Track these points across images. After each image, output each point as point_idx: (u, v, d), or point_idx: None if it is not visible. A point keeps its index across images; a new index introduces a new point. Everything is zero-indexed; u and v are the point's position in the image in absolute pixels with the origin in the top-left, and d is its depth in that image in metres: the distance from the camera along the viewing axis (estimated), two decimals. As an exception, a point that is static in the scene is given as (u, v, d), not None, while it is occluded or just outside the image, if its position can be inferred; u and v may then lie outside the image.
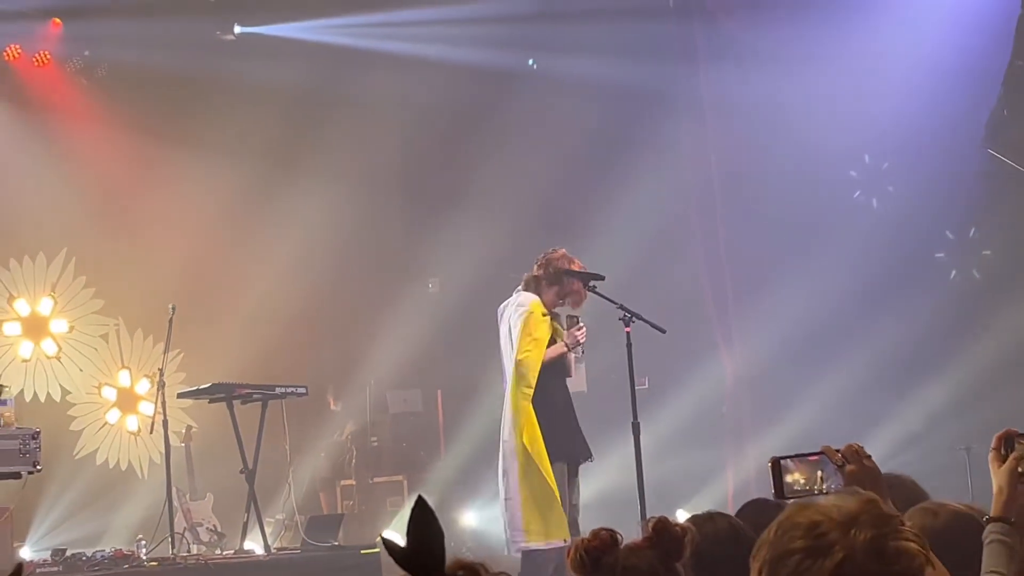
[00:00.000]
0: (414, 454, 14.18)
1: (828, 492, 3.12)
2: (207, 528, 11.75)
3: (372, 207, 14.47)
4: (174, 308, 10.61)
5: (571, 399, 8.94)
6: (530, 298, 8.92)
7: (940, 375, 12.74)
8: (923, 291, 13.09)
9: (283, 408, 10.90)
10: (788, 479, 3.18)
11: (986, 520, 3.32)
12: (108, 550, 9.84)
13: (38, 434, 8.86)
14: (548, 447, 8.61)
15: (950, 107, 12.75)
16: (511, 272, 14.37)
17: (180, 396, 11.27)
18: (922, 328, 12.94)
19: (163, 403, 10.39)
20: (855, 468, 3.21)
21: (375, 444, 14.11)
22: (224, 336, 13.18)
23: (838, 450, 3.26)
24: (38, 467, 8.86)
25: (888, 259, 13.22)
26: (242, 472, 10.32)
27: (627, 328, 8.38)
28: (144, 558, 9.66)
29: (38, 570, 9.37)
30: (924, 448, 12.25)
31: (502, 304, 9.17)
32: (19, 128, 13.17)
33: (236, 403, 10.53)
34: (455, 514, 13.34)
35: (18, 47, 13.30)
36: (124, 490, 13.25)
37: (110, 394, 13.73)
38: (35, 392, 13.23)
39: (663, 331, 8.51)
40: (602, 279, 8.66)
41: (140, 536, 10.28)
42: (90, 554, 9.61)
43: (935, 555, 3.30)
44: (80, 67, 13.69)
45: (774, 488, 3.19)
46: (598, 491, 11.82)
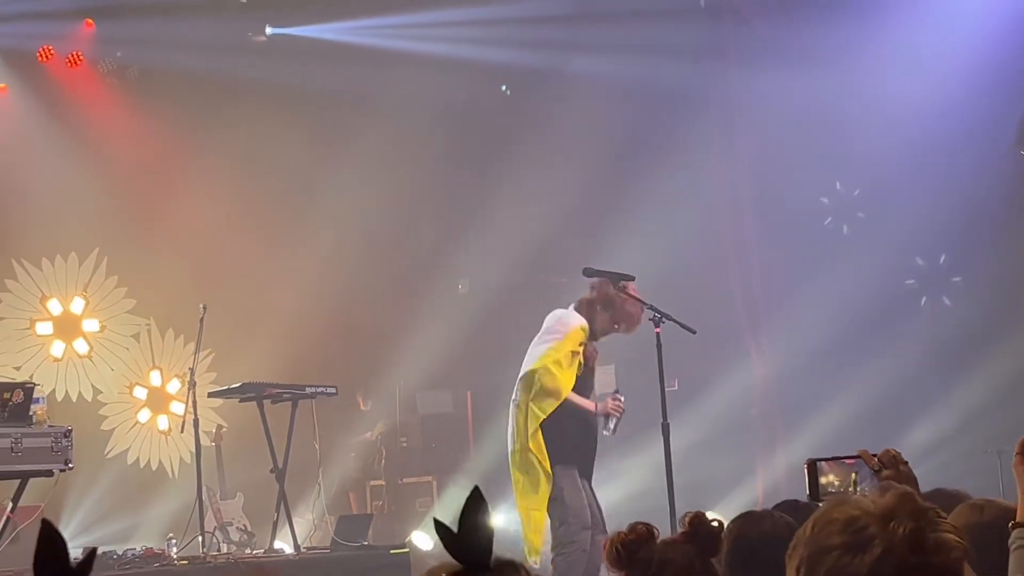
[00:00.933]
0: (444, 455, 14.18)
1: None
2: (237, 527, 11.79)
3: (403, 208, 14.49)
4: (205, 308, 10.64)
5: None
6: (575, 323, 8.66)
7: (971, 377, 12.68)
8: (963, 287, 13.06)
9: (313, 408, 10.92)
10: (823, 481, 3.18)
11: (1012, 525, 3.29)
12: (139, 549, 9.88)
13: (70, 432, 8.89)
14: (566, 452, 8.42)
15: (983, 109, 12.70)
16: (541, 274, 14.46)
17: (211, 395, 11.30)
18: (954, 329, 12.88)
19: (194, 403, 10.42)
20: (891, 473, 3.20)
21: (405, 445, 14.12)
22: (255, 336, 13.22)
23: (875, 455, 3.25)
24: (70, 465, 8.89)
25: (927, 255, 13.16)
26: (272, 472, 10.34)
27: (657, 329, 8.35)
28: (174, 557, 9.70)
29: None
30: (955, 451, 12.19)
31: (550, 316, 8.97)
32: (51, 128, 13.23)
33: (266, 403, 10.56)
34: (484, 515, 13.32)
35: (51, 48, 13.38)
36: (155, 489, 13.30)
37: (141, 394, 13.79)
38: (67, 391, 13.29)
39: (693, 332, 8.47)
40: (632, 279, 8.63)
41: (171, 535, 10.33)
42: (121, 552, 9.66)
43: (980, 551, 3.28)
44: (112, 68, 13.75)
45: (809, 489, 3.19)
46: (628, 492, 11.83)
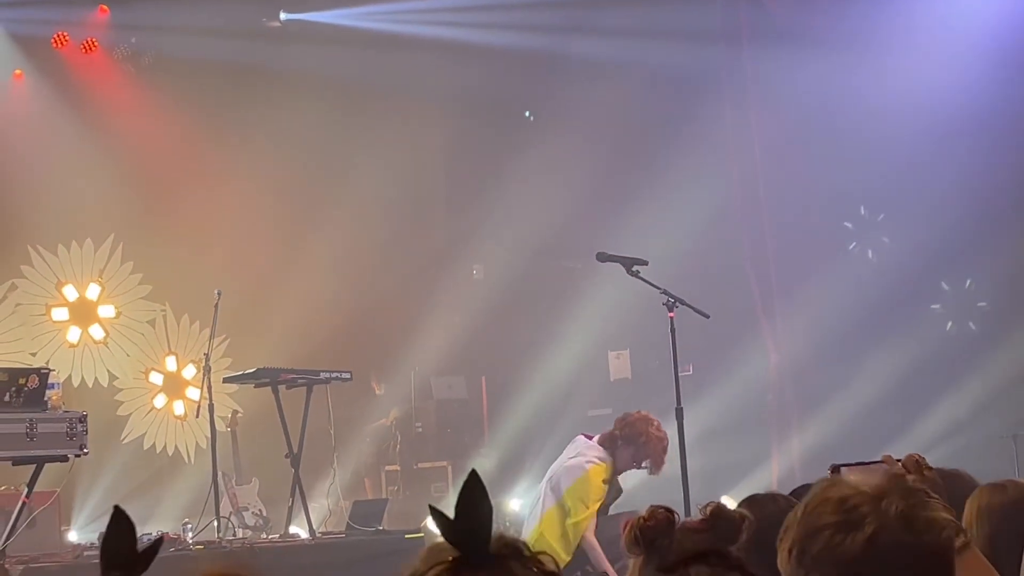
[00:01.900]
0: (458, 440, 14.19)
1: None
2: (253, 512, 11.81)
3: (417, 193, 14.50)
4: (220, 293, 10.64)
5: None
6: (595, 459, 8.58)
7: (986, 362, 12.65)
8: (980, 269, 13.04)
9: (328, 393, 10.93)
10: None
11: None
12: (155, 533, 9.88)
13: (85, 417, 8.91)
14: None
15: (1002, 91, 12.65)
16: (555, 259, 14.46)
17: (226, 381, 11.31)
18: (969, 315, 12.86)
19: (209, 388, 10.42)
20: (916, 479, 3.19)
21: (419, 430, 14.14)
22: (270, 321, 13.25)
23: (899, 460, 3.26)
24: (85, 450, 8.90)
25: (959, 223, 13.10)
26: (287, 457, 10.36)
27: (671, 313, 8.34)
28: (190, 542, 9.71)
29: (85, 552, 9.44)
30: (970, 436, 12.16)
31: (576, 441, 8.83)
32: (66, 115, 13.25)
33: (281, 388, 10.55)
34: (498, 499, 13.35)
35: (65, 34, 13.39)
36: (170, 474, 13.35)
37: (157, 379, 13.83)
38: (83, 377, 13.33)
39: (707, 316, 8.47)
40: (645, 263, 8.61)
41: (186, 520, 10.34)
42: (137, 537, 9.66)
43: (1005, 530, 3.28)
44: (127, 54, 13.77)
45: None
46: (643, 478, 11.80)
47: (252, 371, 10.65)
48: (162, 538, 1.64)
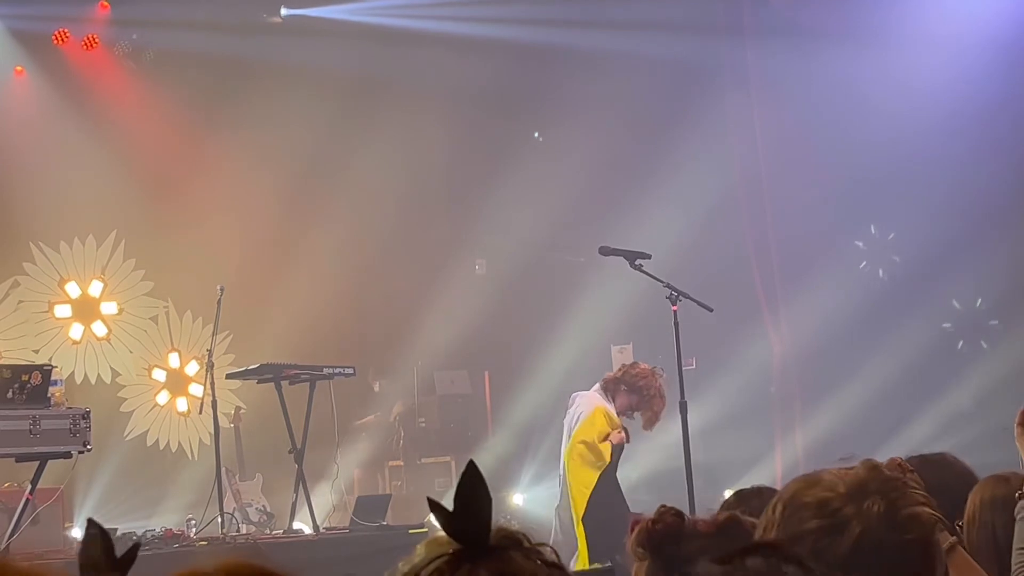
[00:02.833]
0: (462, 435, 14.18)
1: None
2: (256, 508, 11.81)
3: (420, 188, 14.48)
4: (222, 289, 10.64)
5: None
6: (596, 405, 9.01)
7: (991, 353, 12.64)
8: (971, 266, 13.02)
9: (331, 388, 10.92)
10: None
11: (1019, 495, 3.29)
12: (158, 529, 9.89)
13: (88, 413, 8.91)
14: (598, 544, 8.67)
15: (1005, 83, 12.63)
16: (558, 253, 14.45)
17: (229, 377, 11.31)
18: (973, 304, 12.84)
19: (212, 384, 10.43)
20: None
21: (423, 425, 14.13)
22: (272, 317, 13.24)
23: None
24: (88, 447, 8.90)
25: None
26: (290, 452, 10.36)
27: (674, 307, 8.34)
28: (194, 537, 9.72)
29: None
30: (974, 427, 12.14)
31: (573, 395, 9.30)
32: (67, 111, 13.24)
33: (284, 384, 10.56)
34: (502, 494, 13.35)
35: (67, 30, 13.38)
36: (174, 470, 13.34)
37: (160, 376, 13.82)
38: (85, 374, 13.33)
39: (710, 309, 8.47)
40: (648, 257, 8.61)
41: (190, 516, 10.34)
42: (140, 533, 9.67)
43: (1009, 521, 3.27)
44: (128, 50, 13.74)
45: None
46: (647, 471, 11.82)
47: (255, 367, 10.65)
48: (139, 543, 1.62)
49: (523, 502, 13.55)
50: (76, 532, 11.72)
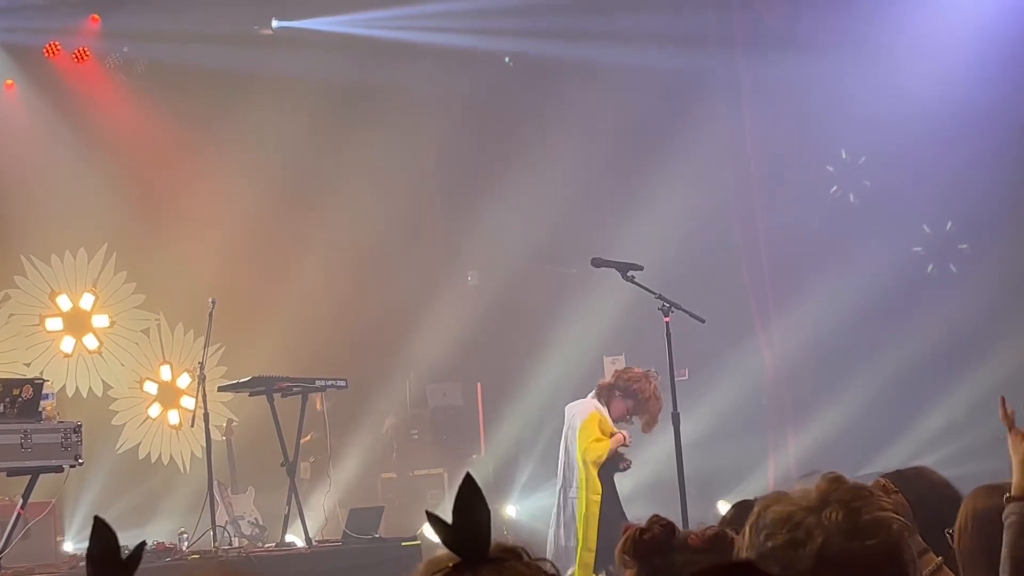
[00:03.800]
0: (454, 447, 14.17)
1: None
2: (249, 521, 11.79)
3: (411, 199, 14.47)
4: (214, 302, 10.61)
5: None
6: (591, 410, 8.93)
7: (982, 363, 12.63)
8: (967, 277, 13.02)
9: (323, 401, 10.90)
10: None
11: (1007, 499, 3.29)
12: (151, 543, 9.84)
13: (80, 427, 8.88)
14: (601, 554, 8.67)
15: (990, 95, 12.64)
16: (550, 264, 14.44)
17: (220, 389, 11.29)
18: (964, 316, 12.84)
19: (204, 397, 10.40)
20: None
21: (415, 437, 14.11)
22: (264, 330, 13.22)
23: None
24: (80, 460, 8.88)
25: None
26: (283, 465, 10.33)
27: (666, 318, 8.34)
28: (186, 551, 9.69)
29: (81, 563, 9.41)
30: (965, 437, 12.15)
31: (569, 405, 9.22)
32: (58, 124, 13.23)
33: (276, 396, 10.54)
34: (495, 506, 13.33)
35: (58, 43, 13.37)
36: (166, 484, 13.31)
37: (152, 388, 13.79)
38: (77, 387, 13.30)
39: (702, 320, 8.47)
40: (640, 269, 8.61)
41: (182, 529, 10.30)
42: (132, 547, 9.62)
43: (998, 530, 3.27)
44: (119, 63, 13.74)
45: None
46: (639, 482, 11.79)
47: (247, 379, 10.62)
48: (144, 543, 1.63)
49: (516, 513, 13.54)
50: (68, 546, 11.70)
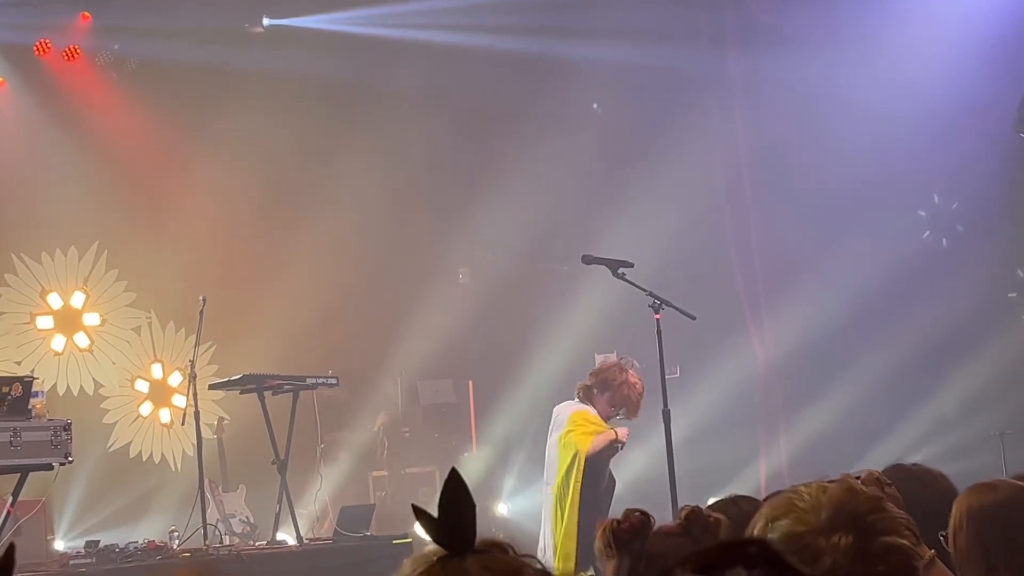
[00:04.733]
0: (446, 445, 14.17)
1: None
2: (240, 519, 11.77)
3: (402, 197, 14.47)
4: (205, 300, 10.61)
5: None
6: (577, 410, 8.74)
7: (974, 361, 12.65)
8: (953, 274, 13.04)
9: (314, 399, 10.90)
10: None
11: None
12: (141, 541, 9.85)
13: (69, 425, 8.87)
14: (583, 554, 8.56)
15: (982, 91, 12.65)
16: (542, 262, 14.44)
17: (211, 387, 11.29)
18: (956, 314, 12.85)
19: (195, 395, 10.39)
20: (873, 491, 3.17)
21: (407, 435, 14.11)
22: (255, 328, 13.20)
23: (857, 476, 3.24)
24: (70, 458, 8.87)
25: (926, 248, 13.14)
26: (274, 463, 10.33)
27: (657, 315, 8.34)
28: (177, 549, 9.69)
29: (71, 561, 9.41)
30: (958, 434, 12.18)
31: (557, 407, 9.03)
32: (49, 122, 13.21)
33: (267, 394, 10.54)
34: (486, 504, 13.33)
35: (48, 41, 13.34)
36: (157, 482, 13.29)
37: (143, 387, 13.77)
38: (68, 385, 13.28)
39: (693, 318, 8.47)
40: (631, 266, 8.60)
41: (173, 527, 10.30)
42: (123, 546, 9.63)
43: (996, 529, 3.26)
44: (110, 60, 13.71)
45: None
46: (629, 480, 11.79)
47: (238, 377, 10.62)
48: (13, 544, 1.63)
49: (507, 512, 13.54)
50: (58, 544, 11.69)
